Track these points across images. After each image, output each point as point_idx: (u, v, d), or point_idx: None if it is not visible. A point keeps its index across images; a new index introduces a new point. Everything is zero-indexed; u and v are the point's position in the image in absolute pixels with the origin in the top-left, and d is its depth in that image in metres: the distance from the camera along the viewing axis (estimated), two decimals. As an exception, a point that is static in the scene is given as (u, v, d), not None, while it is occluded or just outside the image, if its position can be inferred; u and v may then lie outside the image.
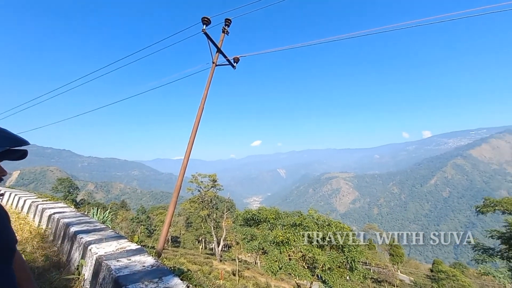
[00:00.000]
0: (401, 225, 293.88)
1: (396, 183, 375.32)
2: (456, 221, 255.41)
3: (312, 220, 15.98)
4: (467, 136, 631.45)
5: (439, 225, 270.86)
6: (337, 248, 14.79)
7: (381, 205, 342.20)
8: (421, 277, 61.28)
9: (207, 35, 10.17)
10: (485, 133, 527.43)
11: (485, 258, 12.48)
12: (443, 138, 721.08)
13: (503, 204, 22.95)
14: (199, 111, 10.03)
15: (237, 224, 20.76)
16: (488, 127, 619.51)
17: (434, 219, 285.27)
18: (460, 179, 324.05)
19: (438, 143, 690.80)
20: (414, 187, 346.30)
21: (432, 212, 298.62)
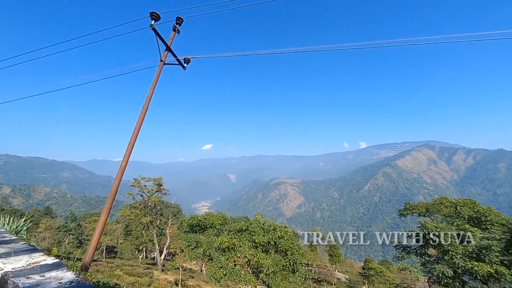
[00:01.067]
0: (340, 227, 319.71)
1: (336, 189, 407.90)
2: (385, 223, 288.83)
3: (259, 225, 16.21)
4: (394, 148, 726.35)
5: (370, 226, 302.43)
6: (281, 252, 15.26)
7: (324, 209, 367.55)
8: (355, 274, 67.16)
9: (155, 31, 9.64)
10: (408, 146, 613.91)
11: (404, 255, 14.35)
12: (376, 149, 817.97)
13: (419, 208, 26.74)
14: (142, 111, 9.38)
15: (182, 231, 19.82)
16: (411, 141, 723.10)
17: (367, 221, 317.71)
18: (388, 186, 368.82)
19: (372, 153, 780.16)
20: (352, 193, 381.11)
21: (366, 215, 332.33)
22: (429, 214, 25.64)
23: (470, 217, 15.06)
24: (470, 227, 12.80)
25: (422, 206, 26.84)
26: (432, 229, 13.04)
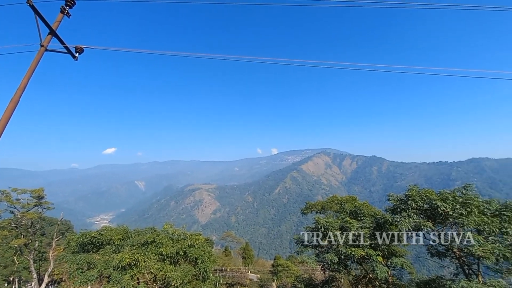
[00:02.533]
0: (253, 229, 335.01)
1: (251, 193, 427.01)
2: (292, 222, 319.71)
3: (167, 235, 15.18)
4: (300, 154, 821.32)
5: (280, 226, 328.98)
6: (191, 261, 14.71)
7: (238, 213, 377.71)
8: (266, 273, 71.19)
9: (34, 9, 7.87)
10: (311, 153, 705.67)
11: (303, 249, 16.27)
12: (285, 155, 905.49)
13: (316, 206, 30.84)
14: (11, 104, 7.42)
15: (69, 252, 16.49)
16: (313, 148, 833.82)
17: (277, 221, 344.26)
18: (295, 188, 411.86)
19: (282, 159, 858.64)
20: (264, 196, 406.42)
21: (276, 216, 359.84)
22: (324, 211, 29.86)
23: (351, 211, 18.46)
24: (350, 219, 15.67)
25: (318, 204, 31.00)
26: (323, 224, 15.29)
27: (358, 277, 17.87)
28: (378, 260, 13.47)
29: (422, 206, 13.23)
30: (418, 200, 12.89)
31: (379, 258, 13.50)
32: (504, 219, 12.80)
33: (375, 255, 13.53)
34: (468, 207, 12.16)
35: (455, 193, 13.06)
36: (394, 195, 14.86)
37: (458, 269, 14.28)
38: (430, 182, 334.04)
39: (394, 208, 14.07)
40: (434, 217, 13.69)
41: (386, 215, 14.35)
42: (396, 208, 13.88)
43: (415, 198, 12.94)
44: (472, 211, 12.21)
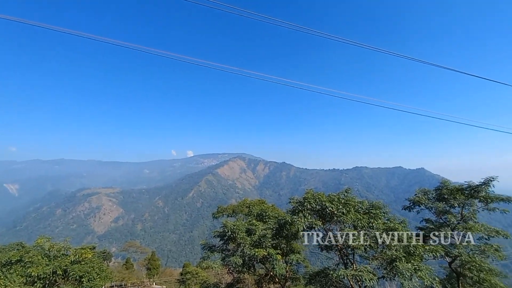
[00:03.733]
0: (162, 236, 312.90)
1: (161, 197, 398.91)
2: (205, 226, 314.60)
3: (41, 252, 12.25)
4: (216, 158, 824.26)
5: (192, 231, 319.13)
6: (74, 281, 12.32)
7: (146, 220, 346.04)
8: (173, 282, 67.27)
9: None
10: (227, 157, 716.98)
11: (209, 254, 16.18)
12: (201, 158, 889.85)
13: (228, 210, 31.32)
14: None
15: None
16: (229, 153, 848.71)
17: (189, 226, 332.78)
18: (210, 192, 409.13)
19: (197, 162, 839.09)
20: (177, 200, 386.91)
21: (188, 220, 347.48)
22: (235, 214, 30.58)
23: (258, 214, 19.58)
24: (256, 222, 16.59)
25: (230, 208, 31.53)
26: (231, 228, 15.64)
27: (261, 276, 19.01)
28: (278, 258, 14.72)
29: (316, 207, 15.23)
30: (313, 202, 14.81)
31: (278, 256, 14.77)
32: (371, 215, 16.10)
33: (275, 253, 14.73)
34: (347, 207, 14.73)
35: (339, 195, 15.64)
36: (295, 198, 16.60)
37: (340, 260, 17.05)
38: (326, 186, 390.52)
39: (294, 209, 15.70)
40: (324, 216, 15.98)
41: (287, 216, 15.85)
42: (295, 210, 15.51)
43: (310, 201, 14.81)
44: (350, 210, 14.85)
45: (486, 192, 18.65)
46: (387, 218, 16.55)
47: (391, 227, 14.56)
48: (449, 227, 19.65)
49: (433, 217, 21.59)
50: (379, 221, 15.41)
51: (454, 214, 19.97)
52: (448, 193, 19.76)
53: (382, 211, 16.44)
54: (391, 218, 16.76)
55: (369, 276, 12.64)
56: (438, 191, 20.60)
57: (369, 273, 12.99)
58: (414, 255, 13.47)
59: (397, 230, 14.32)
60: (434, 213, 21.08)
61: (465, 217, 19.66)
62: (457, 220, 19.55)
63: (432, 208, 20.81)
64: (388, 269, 13.51)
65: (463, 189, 19.28)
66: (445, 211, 20.27)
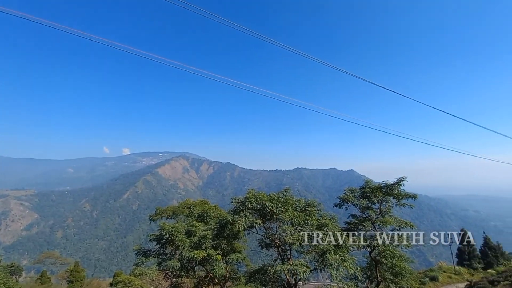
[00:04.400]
0: (89, 244, 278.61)
1: (89, 200, 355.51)
2: (141, 231, 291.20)
3: None
4: (157, 157, 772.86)
5: (125, 237, 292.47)
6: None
7: (69, 226, 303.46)
8: (100, 294, 60.52)
9: None
10: (169, 156, 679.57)
11: (143, 260, 15.06)
12: (139, 157, 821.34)
13: (167, 212, 29.72)
14: None
15: None
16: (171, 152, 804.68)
17: (123, 231, 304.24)
18: (148, 193, 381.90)
19: (134, 161, 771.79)
20: (108, 203, 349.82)
21: (122, 225, 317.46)
22: (175, 216, 29.21)
23: (199, 215, 19.09)
24: (197, 223, 16.14)
25: (170, 210, 29.98)
26: (169, 230, 14.87)
27: (200, 278, 18.55)
28: (218, 258, 14.59)
29: (257, 207, 15.62)
30: (254, 201, 15.15)
31: (218, 257, 14.64)
32: (307, 213, 17.34)
33: (215, 254, 14.57)
34: (286, 206, 15.53)
35: (279, 195, 16.38)
36: (236, 198, 16.72)
37: (278, 256, 17.84)
38: (269, 186, 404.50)
39: (235, 209, 15.81)
40: (265, 215, 16.52)
41: (228, 216, 15.86)
42: (236, 209, 15.63)
43: (251, 200, 15.12)
44: (288, 209, 15.70)
45: (398, 190, 21.94)
46: (320, 215, 18.03)
47: (323, 223, 15.90)
48: (370, 221, 22.49)
49: (358, 212, 24.42)
50: (313, 218, 16.69)
51: (374, 210, 22.94)
52: (370, 191, 22.60)
53: (316, 208, 17.85)
54: (323, 215, 18.31)
55: (303, 269, 13.56)
56: (362, 189, 23.36)
57: (303, 266, 13.94)
58: (341, 247, 14.98)
59: (328, 225, 15.72)
60: (359, 209, 23.86)
61: (382, 212, 22.75)
62: (376, 215, 22.50)
63: (357, 204, 23.53)
64: (320, 261, 14.71)
65: (381, 187, 22.26)
66: (367, 207, 23.13)
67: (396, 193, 21.96)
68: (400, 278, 22.56)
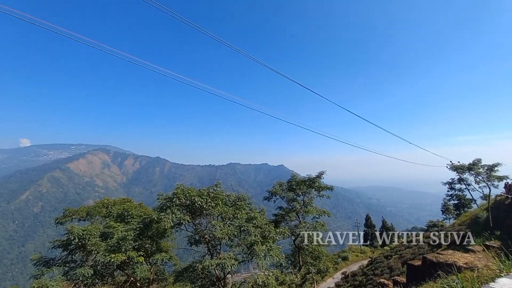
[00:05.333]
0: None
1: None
2: (45, 237, 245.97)
3: None
4: (68, 149, 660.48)
5: (24, 245, 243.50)
6: None
7: None
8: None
9: None
10: (84, 149, 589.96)
11: (45, 271, 12.63)
12: (44, 149, 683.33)
13: (79, 213, 25.78)
14: None
15: None
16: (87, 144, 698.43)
17: (19, 239, 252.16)
18: (55, 192, 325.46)
19: (37, 154, 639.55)
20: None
21: (18, 232, 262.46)
22: (90, 218, 25.61)
23: (119, 214, 17.14)
24: (115, 223, 14.42)
25: (83, 210, 26.10)
26: (78, 234, 12.84)
27: (119, 283, 16.75)
28: (139, 260, 13.38)
29: (185, 202, 14.96)
30: (182, 197, 14.44)
31: (140, 259, 13.43)
32: (237, 207, 17.57)
33: (136, 256, 13.31)
34: (216, 201, 15.35)
35: (209, 190, 16.08)
36: (163, 194, 15.65)
37: (207, 252, 17.57)
38: (202, 182, 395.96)
39: (162, 206, 14.78)
40: (194, 211, 15.98)
41: (153, 214, 14.72)
42: (163, 207, 14.63)
43: (179, 196, 14.36)
44: (218, 203, 15.56)
45: (319, 183, 24.42)
46: (250, 208, 18.55)
47: (252, 216, 16.37)
48: (295, 211, 24.41)
49: (285, 204, 26.21)
50: (243, 212, 17.03)
51: (299, 201, 25.01)
52: (296, 184, 24.48)
53: (246, 202, 18.27)
54: (253, 208, 18.90)
55: (231, 262, 13.68)
56: (289, 183, 25.14)
57: (232, 259, 14.07)
58: (268, 238, 15.72)
59: (257, 218, 16.28)
60: (286, 201, 25.63)
61: (305, 203, 24.98)
62: (300, 206, 24.58)
63: (285, 197, 25.24)
64: (248, 252, 15.14)
65: (305, 181, 24.37)
66: (293, 199, 25.05)
67: (317, 186, 24.37)
68: (318, 261, 25.34)
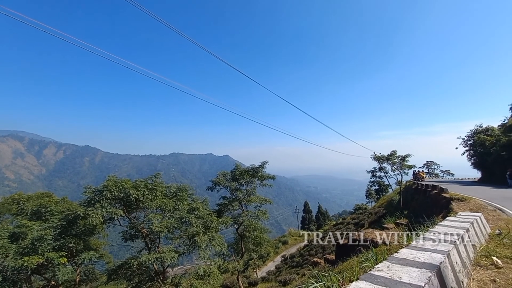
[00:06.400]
0: None
1: None
2: None
3: None
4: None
5: None
6: None
7: None
8: None
9: None
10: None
11: None
12: None
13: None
14: None
15: None
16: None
17: None
18: None
19: None
20: None
21: None
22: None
23: (34, 212, 14.76)
24: (28, 222, 12.36)
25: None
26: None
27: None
28: (61, 262, 11.81)
29: (119, 195, 13.72)
30: (114, 190, 13.19)
31: (62, 260, 11.85)
32: (178, 198, 16.95)
33: (57, 257, 11.70)
34: (154, 192, 14.50)
35: (147, 181, 15.06)
36: (91, 187, 14.04)
37: (145, 246, 16.58)
38: (141, 173, 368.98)
39: (90, 200, 13.26)
40: (130, 204, 14.81)
41: (79, 209, 13.11)
42: (91, 201, 13.14)
43: (111, 189, 13.08)
44: (157, 196, 14.73)
45: (261, 173, 25.21)
46: (192, 199, 18.10)
47: (194, 207, 16.02)
48: (238, 201, 24.78)
49: (229, 194, 26.38)
50: (185, 203, 16.52)
51: (242, 190, 25.44)
52: (239, 174, 24.80)
53: (188, 193, 17.75)
54: (195, 198, 18.49)
55: (171, 255, 13.23)
56: (233, 173, 25.32)
57: (172, 252, 13.61)
58: (210, 228, 15.64)
59: (199, 209, 16.00)
60: (230, 191, 25.80)
61: (248, 192, 25.57)
62: (244, 195, 25.05)
63: (228, 187, 25.36)
64: (189, 244, 14.84)
65: (248, 170, 24.88)
66: (236, 189, 25.35)
67: (260, 175, 25.16)
68: (260, 247, 26.49)
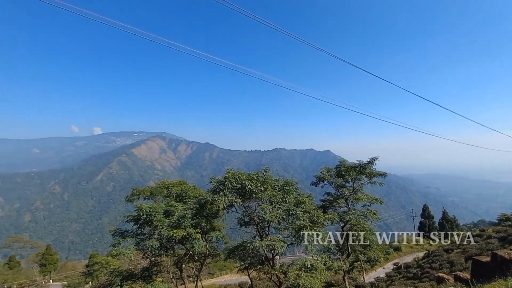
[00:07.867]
0: (61, 227, 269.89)
1: (59, 182, 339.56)
2: (117, 212, 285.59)
3: None
4: (131, 136, 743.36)
5: (101, 218, 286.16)
6: None
7: (37, 209, 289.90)
8: (76, 276, 59.80)
9: None
10: (144, 136, 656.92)
11: (120, 240, 14.89)
12: (112, 137, 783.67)
13: (144, 192, 29.15)
14: None
15: None
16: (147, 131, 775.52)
17: (97, 213, 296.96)
18: (123, 174, 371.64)
19: (107, 141, 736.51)
20: (80, 185, 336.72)
21: (96, 207, 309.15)
22: (153, 197, 28.82)
23: (177, 195, 18.93)
24: (175, 203, 16.03)
25: (147, 190, 29.43)
26: (146, 211, 14.67)
27: (180, 256, 18.78)
28: (197, 237, 14.77)
29: (236, 186, 15.77)
30: (233, 181, 15.24)
31: (197, 235, 14.81)
32: (285, 191, 17.86)
33: (194, 233, 14.70)
34: (265, 185, 15.82)
35: (258, 174, 16.59)
36: (216, 178, 16.70)
37: (257, 233, 18.42)
38: (248, 167, 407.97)
39: (215, 189, 15.84)
40: (244, 194, 16.78)
41: (208, 195, 15.89)
42: (216, 189, 15.67)
43: (230, 180, 15.18)
44: (267, 188, 16.01)
45: (370, 169, 23.12)
46: (298, 193, 18.65)
47: (300, 201, 16.49)
48: (343, 198, 23.71)
49: (333, 190, 25.61)
50: (291, 196, 17.23)
51: (348, 188, 24.15)
52: (345, 170, 23.59)
53: (294, 187, 18.40)
54: (301, 193, 18.95)
55: (281, 244, 14.17)
56: (338, 168, 24.32)
57: (281, 242, 14.57)
58: (316, 223, 15.73)
59: (305, 203, 16.35)
60: (334, 187, 24.99)
61: (355, 190, 24.02)
62: (350, 192, 23.73)
63: (333, 183, 24.59)
64: (296, 236, 15.45)
65: (355, 167, 23.30)
66: (342, 185, 24.28)
67: (369, 172, 23.12)
68: (368, 249, 24.47)
